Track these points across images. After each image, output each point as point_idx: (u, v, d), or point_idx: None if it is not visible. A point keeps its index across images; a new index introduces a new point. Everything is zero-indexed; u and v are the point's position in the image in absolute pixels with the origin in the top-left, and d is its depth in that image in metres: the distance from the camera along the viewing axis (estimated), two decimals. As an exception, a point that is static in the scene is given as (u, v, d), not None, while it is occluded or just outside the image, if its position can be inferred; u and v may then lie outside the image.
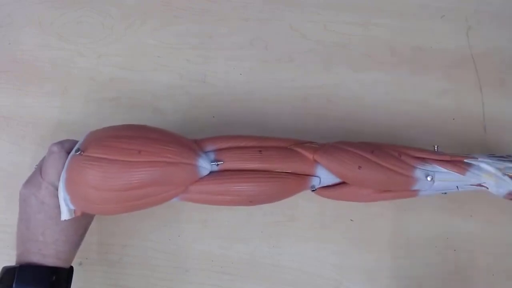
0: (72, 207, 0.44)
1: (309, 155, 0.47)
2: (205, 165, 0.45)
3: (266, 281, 0.55)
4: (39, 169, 0.46)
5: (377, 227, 0.56)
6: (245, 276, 0.55)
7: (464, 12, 0.61)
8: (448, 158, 0.49)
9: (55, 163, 0.44)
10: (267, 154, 0.47)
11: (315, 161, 0.47)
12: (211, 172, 0.46)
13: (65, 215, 0.44)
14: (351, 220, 0.56)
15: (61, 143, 0.46)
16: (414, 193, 0.49)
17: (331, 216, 0.56)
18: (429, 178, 0.47)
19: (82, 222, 0.47)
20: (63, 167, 0.44)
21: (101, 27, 0.62)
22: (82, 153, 0.43)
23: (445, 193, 0.50)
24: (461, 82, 0.59)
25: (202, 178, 0.45)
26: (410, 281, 0.54)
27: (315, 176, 0.48)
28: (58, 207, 0.44)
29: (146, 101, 0.59)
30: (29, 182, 0.46)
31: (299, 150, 0.48)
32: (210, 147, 0.47)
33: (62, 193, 0.44)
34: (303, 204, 0.56)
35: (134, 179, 0.43)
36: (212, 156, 0.46)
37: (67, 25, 0.62)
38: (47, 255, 0.44)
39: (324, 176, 0.48)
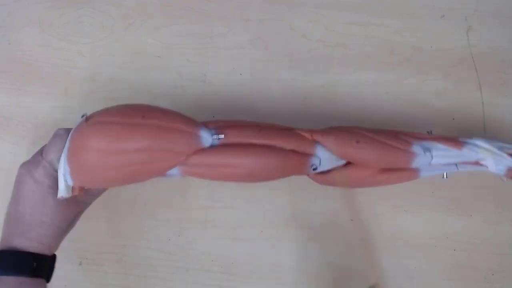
0: (70, 183, 0.44)
1: (308, 135, 0.48)
2: (206, 136, 0.46)
3: (266, 281, 0.55)
4: (41, 150, 0.46)
5: (377, 227, 0.56)
6: (245, 276, 0.55)
7: (464, 12, 0.61)
8: (442, 137, 0.50)
9: (58, 143, 0.45)
10: (267, 132, 0.48)
11: (315, 141, 0.48)
12: (211, 146, 0.47)
13: (62, 192, 0.44)
14: (351, 220, 0.56)
15: (68, 129, 0.46)
16: (415, 173, 0.50)
17: (331, 216, 0.56)
18: (427, 153, 0.48)
19: (71, 209, 0.47)
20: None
21: (101, 27, 0.62)
22: (87, 119, 0.44)
23: (446, 177, 0.50)
24: (461, 82, 0.59)
25: (202, 150, 0.46)
26: (410, 281, 0.54)
27: (315, 156, 0.48)
28: (52, 187, 0.44)
29: (146, 101, 0.59)
30: (28, 161, 0.46)
31: (298, 131, 0.49)
32: (211, 126, 0.48)
33: (62, 166, 0.44)
34: (303, 204, 0.56)
35: (137, 141, 0.43)
36: (213, 131, 0.47)
37: (67, 25, 0.62)
38: (30, 238, 0.43)
39: (324, 157, 0.48)
